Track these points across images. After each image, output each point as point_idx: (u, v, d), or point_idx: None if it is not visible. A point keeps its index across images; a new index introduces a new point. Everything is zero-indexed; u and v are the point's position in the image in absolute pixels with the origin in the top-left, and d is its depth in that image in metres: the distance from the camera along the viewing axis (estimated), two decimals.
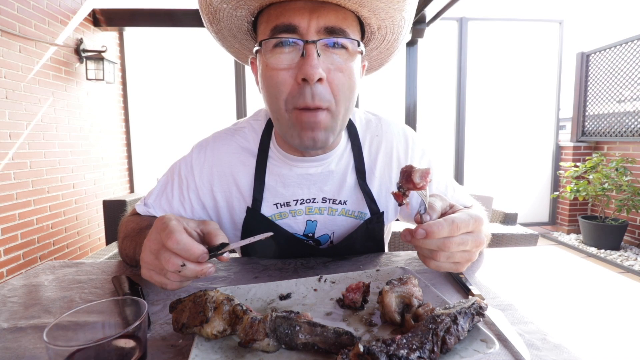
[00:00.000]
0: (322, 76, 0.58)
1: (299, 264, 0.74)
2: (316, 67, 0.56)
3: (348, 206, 0.76)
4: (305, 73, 0.56)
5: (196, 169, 0.76)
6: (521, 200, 4.28)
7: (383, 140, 0.78)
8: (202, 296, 0.46)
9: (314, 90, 0.58)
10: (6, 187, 2.30)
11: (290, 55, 0.59)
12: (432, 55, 4.01)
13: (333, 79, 0.60)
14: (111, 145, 3.49)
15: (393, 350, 0.36)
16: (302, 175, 0.74)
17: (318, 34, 0.57)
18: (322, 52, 0.58)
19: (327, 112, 0.61)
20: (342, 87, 0.61)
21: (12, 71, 2.34)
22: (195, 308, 0.44)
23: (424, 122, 4.00)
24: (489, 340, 0.41)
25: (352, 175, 0.75)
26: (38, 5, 2.56)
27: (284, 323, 0.42)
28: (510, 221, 2.21)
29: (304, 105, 0.59)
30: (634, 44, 3.37)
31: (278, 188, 0.74)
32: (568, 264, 0.73)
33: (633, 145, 3.45)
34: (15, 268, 2.33)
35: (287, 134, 0.65)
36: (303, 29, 0.57)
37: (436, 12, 3.15)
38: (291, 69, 0.59)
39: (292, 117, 0.62)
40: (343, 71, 0.60)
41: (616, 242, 3.35)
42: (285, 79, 0.59)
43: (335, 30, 0.58)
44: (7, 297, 0.61)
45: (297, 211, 0.75)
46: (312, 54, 0.57)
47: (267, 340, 0.41)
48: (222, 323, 0.43)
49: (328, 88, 0.60)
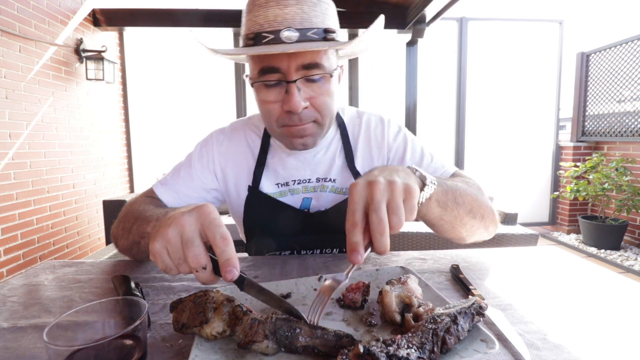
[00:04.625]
0: (306, 105, 0.70)
1: (300, 264, 0.74)
2: (298, 103, 0.68)
3: (337, 184, 0.86)
4: (290, 107, 0.69)
5: (216, 146, 0.89)
6: (521, 200, 4.28)
7: (362, 127, 0.90)
8: (203, 296, 0.45)
9: (300, 115, 0.71)
10: (6, 187, 2.30)
11: (276, 90, 0.70)
12: (432, 55, 4.01)
13: (315, 102, 0.72)
14: (111, 145, 3.49)
15: (393, 350, 0.36)
16: (298, 159, 0.85)
17: (297, 71, 0.68)
18: (303, 85, 0.70)
19: (313, 123, 0.74)
20: (324, 105, 0.73)
21: (12, 71, 2.34)
22: (195, 308, 0.44)
23: (424, 122, 3.99)
24: (489, 340, 0.41)
25: (341, 157, 0.87)
26: (38, 5, 2.56)
27: (284, 325, 0.42)
28: (510, 221, 2.22)
29: (293, 124, 0.72)
30: (634, 44, 3.37)
31: (279, 170, 0.86)
32: (568, 264, 0.73)
33: (633, 145, 3.45)
34: (15, 268, 2.33)
35: (280, 140, 0.80)
36: (284, 69, 0.68)
37: (436, 12, 3.16)
38: (278, 102, 0.71)
39: (283, 130, 0.74)
40: (323, 94, 0.72)
41: (616, 242, 3.35)
42: (274, 108, 0.72)
43: (312, 65, 0.68)
44: (7, 296, 0.61)
45: (294, 190, 0.86)
46: (293, 92, 0.68)
47: (266, 342, 0.41)
48: (221, 324, 0.43)
49: (312, 109, 0.72)
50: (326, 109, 0.73)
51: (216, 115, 3.79)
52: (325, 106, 0.73)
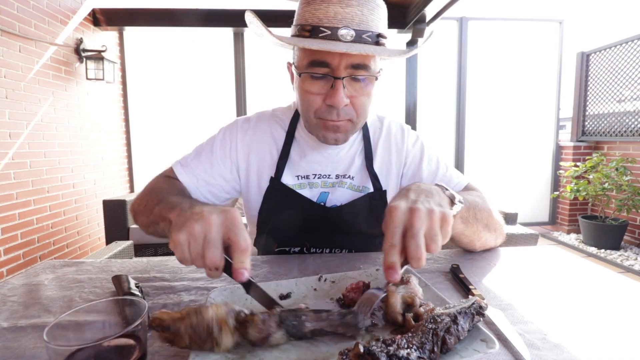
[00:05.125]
0: (346, 103, 0.73)
1: (300, 263, 0.74)
2: (342, 99, 0.71)
3: (354, 181, 0.88)
4: (333, 102, 0.71)
5: (241, 133, 0.89)
6: (521, 200, 4.28)
7: (383, 131, 0.93)
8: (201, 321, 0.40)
9: (339, 111, 0.73)
10: (6, 187, 2.29)
11: (322, 82, 0.73)
12: (432, 55, 4.01)
13: (355, 102, 0.74)
14: (111, 145, 3.49)
15: (393, 350, 0.36)
16: (322, 154, 0.88)
17: (346, 69, 0.70)
18: (348, 83, 0.72)
19: (348, 121, 0.76)
20: (362, 106, 0.76)
21: (12, 71, 2.34)
22: (196, 334, 0.40)
23: (424, 122, 3.99)
24: (489, 340, 0.41)
25: (360, 157, 0.90)
26: (38, 5, 2.56)
27: (290, 316, 0.43)
28: (510, 221, 2.21)
29: (330, 119, 0.75)
30: (634, 44, 3.37)
31: (301, 163, 0.88)
32: (568, 264, 0.73)
33: (633, 145, 3.44)
34: (15, 268, 2.33)
35: (313, 131, 0.81)
36: (334, 65, 0.70)
37: (436, 12, 3.15)
38: (321, 94, 0.73)
39: (319, 122, 0.77)
40: (364, 95, 0.75)
41: (616, 241, 3.35)
42: (316, 99, 0.74)
43: (360, 66, 0.71)
44: (7, 296, 0.61)
45: (314, 184, 0.88)
46: (339, 88, 0.70)
47: (281, 332, 0.42)
48: (232, 338, 0.41)
49: (351, 108, 0.75)
50: (364, 110, 0.76)
51: (216, 115, 3.79)
52: (363, 107, 0.76)
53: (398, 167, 0.90)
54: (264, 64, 3.75)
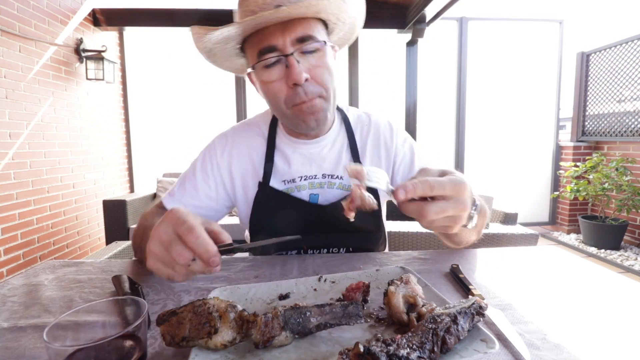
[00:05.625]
0: (307, 77, 0.72)
1: (300, 263, 0.74)
2: (300, 73, 0.70)
3: (344, 181, 0.87)
4: (293, 79, 0.71)
5: (218, 151, 0.90)
6: (521, 200, 4.28)
7: (371, 127, 0.92)
8: (203, 305, 0.43)
9: (305, 89, 0.73)
10: (6, 187, 2.30)
11: (277, 68, 0.73)
12: (432, 55, 4.01)
13: (316, 75, 0.74)
14: (111, 145, 3.49)
15: (393, 350, 0.36)
16: (304, 155, 0.87)
17: (293, 45, 0.71)
18: (300, 58, 0.72)
19: (319, 98, 0.76)
20: (324, 77, 0.75)
21: (12, 71, 2.34)
22: (197, 319, 0.41)
23: (424, 122, 3.99)
24: (489, 340, 0.41)
25: (347, 154, 0.89)
26: (38, 5, 2.56)
27: (294, 314, 0.43)
28: (510, 221, 2.21)
29: (301, 101, 0.74)
30: (634, 44, 3.37)
31: (285, 167, 0.87)
32: (568, 264, 0.73)
33: (633, 145, 3.44)
34: (15, 268, 2.33)
35: (293, 124, 0.80)
36: (280, 45, 0.70)
37: (436, 12, 3.15)
38: (282, 79, 0.73)
39: (294, 111, 0.76)
40: (321, 66, 0.74)
41: (616, 242, 3.35)
42: (280, 87, 0.74)
43: (305, 38, 0.71)
44: (7, 296, 0.61)
45: (301, 186, 0.87)
46: (293, 64, 0.70)
47: (284, 333, 0.42)
48: (230, 332, 0.42)
49: (314, 82, 0.74)
50: (327, 81, 0.75)
51: (216, 115, 3.79)
52: (325, 77, 0.75)
53: (387, 164, 0.90)
54: None
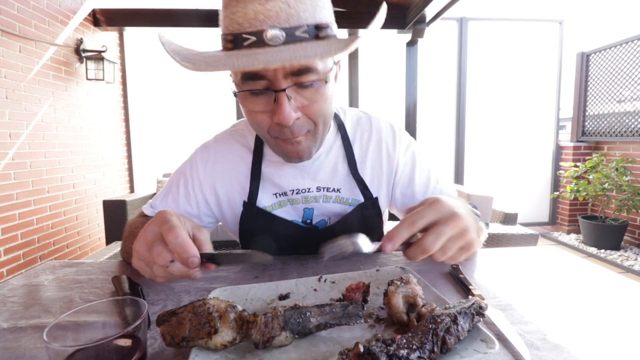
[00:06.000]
0: (297, 116, 0.61)
1: (299, 264, 0.74)
2: (289, 115, 0.58)
3: (342, 194, 0.81)
4: (280, 120, 0.59)
5: (200, 166, 0.82)
6: (521, 200, 4.28)
7: (373, 133, 0.83)
8: (203, 305, 0.43)
9: (292, 128, 0.62)
10: (6, 187, 2.29)
11: (264, 99, 0.60)
12: (432, 55, 4.01)
13: (309, 111, 0.62)
14: (111, 145, 3.49)
15: (393, 350, 0.36)
16: (296, 167, 0.79)
17: (286, 78, 0.57)
18: (294, 93, 0.59)
19: (307, 134, 0.66)
20: (318, 112, 0.63)
21: (12, 71, 2.34)
22: (197, 319, 0.41)
23: (424, 122, 3.99)
24: (489, 340, 0.41)
25: (344, 165, 0.80)
26: (38, 5, 2.56)
27: (294, 314, 0.43)
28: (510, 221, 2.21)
29: (285, 138, 0.64)
30: (634, 44, 3.37)
31: (275, 179, 0.79)
32: (568, 264, 0.73)
33: (633, 145, 3.44)
34: (15, 268, 2.33)
35: (274, 150, 0.72)
36: (270, 76, 0.57)
37: (436, 12, 3.15)
38: (267, 112, 0.61)
39: (276, 142, 0.67)
40: (317, 101, 0.62)
41: (616, 242, 3.35)
42: (264, 119, 0.63)
43: (303, 70, 0.57)
44: (7, 296, 0.61)
45: (294, 200, 0.80)
46: (283, 102, 0.58)
47: (284, 333, 0.42)
48: (230, 332, 0.42)
49: (305, 119, 0.63)
50: (321, 116, 0.64)
51: (216, 115, 3.79)
52: (320, 114, 0.63)
53: (389, 174, 0.82)
54: None
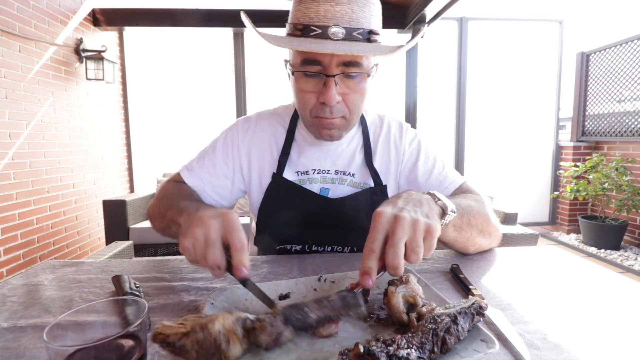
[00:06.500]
0: (339, 100, 0.74)
1: (299, 264, 0.74)
2: (334, 97, 0.72)
3: (355, 178, 0.89)
4: (325, 100, 0.73)
5: (241, 133, 0.92)
6: (521, 200, 4.28)
7: (383, 128, 0.94)
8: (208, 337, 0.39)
9: (332, 108, 0.75)
10: (6, 187, 2.29)
11: (315, 81, 0.74)
12: (432, 55, 4.01)
13: (348, 99, 0.75)
14: (111, 145, 3.49)
15: (393, 350, 0.36)
16: (320, 150, 0.89)
17: (337, 67, 0.71)
18: (340, 80, 0.73)
19: (341, 118, 0.78)
20: (355, 103, 0.77)
21: (12, 71, 2.34)
22: (203, 350, 0.39)
23: (424, 122, 3.99)
24: (489, 340, 0.41)
25: (360, 154, 0.91)
26: (38, 5, 2.56)
27: (292, 311, 0.44)
28: (510, 221, 2.21)
29: (324, 116, 0.76)
30: (634, 44, 3.37)
31: (300, 159, 0.89)
32: (568, 264, 0.73)
33: (633, 145, 3.44)
34: (15, 268, 2.33)
35: (309, 129, 0.84)
36: (326, 63, 0.71)
37: (436, 12, 3.15)
38: (315, 92, 0.75)
39: (314, 121, 0.79)
40: (357, 92, 0.75)
41: (616, 242, 3.35)
42: (310, 98, 0.76)
43: (352, 64, 0.71)
44: (7, 296, 0.61)
45: (313, 179, 0.89)
46: (331, 86, 0.72)
47: (289, 329, 0.43)
48: (240, 347, 0.41)
49: (343, 105, 0.76)
50: (356, 107, 0.77)
51: (216, 115, 3.79)
52: (356, 104, 0.77)
53: (396, 164, 0.91)
54: (264, 63, 3.75)
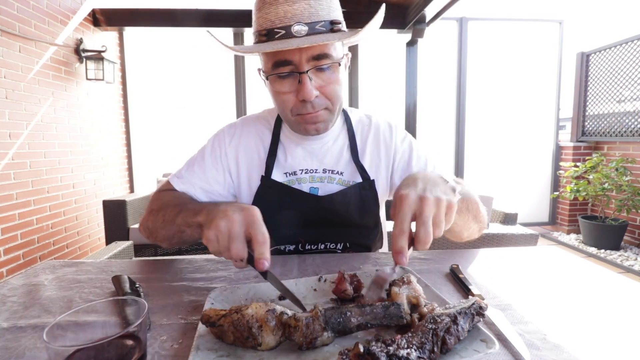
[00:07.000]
0: (317, 94, 0.75)
1: (299, 264, 0.74)
2: (310, 91, 0.73)
3: (344, 177, 0.90)
4: (303, 97, 0.74)
5: (227, 138, 0.93)
6: (521, 200, 4.28)
7: (372, 128, 0.95)
8: (241, 319, 0.43)
9: (313, 103, 0.76)
10: (6, 187, 2.29)
11: (289, 81, 0.75)
12: (432, 55, 4.01)
13: (326, 90, 0.76)
14: (111, 145, 3.49)
15: (393, 350, 0.36)
16: (306, 149, 0.90)
17: (308, 62, 0.72)
18: (314, 75, 0.74)
19: (325, 110, 0.79)
20: (334, 92, 0.78)
21: (12, 71, 2.34)
22: (238, 332, 0.42)
23: (424, 122, 3.99)
24: (489, 340, 0.41)
25: (347, 152, 0.92)
26: (38, 5, 2.56)
27: (334, 314, 0.44)
28: (510, 221, 2.21)
29: (307, 112, 0.77)
30: (634, 44, 3.37)
31: (287, 160, 0.90)
32: (568, 264, 0.73)
33: (633, 145, 3.44)
34: (15, 268, 2.33)
35: (294, 128, 0.84)
36: (296, 61, 0.72)
37: (436, 12, 3.15)
38: (292, 92, 0.76)
39: (297, 119, 0.79)
40: (332, 82, 0.77)
41: (616, 242, 3.35)
42: (289, 98, 0.77)
43: (321, 56, 0.73)
44: (7, 296, 0.61)
45: (302, 179, 0.90)
46: (306, 82, 0.73)
47: (326, 334, 0.43)
48: (274, 338, 0.42)
49: (323, 97, 0.77)
50: (336, 96, 0.78)
51: (216, 115, 3.79)
52: (335, 93, 0.78)
53: (387, 162, 0.92)
54: None
